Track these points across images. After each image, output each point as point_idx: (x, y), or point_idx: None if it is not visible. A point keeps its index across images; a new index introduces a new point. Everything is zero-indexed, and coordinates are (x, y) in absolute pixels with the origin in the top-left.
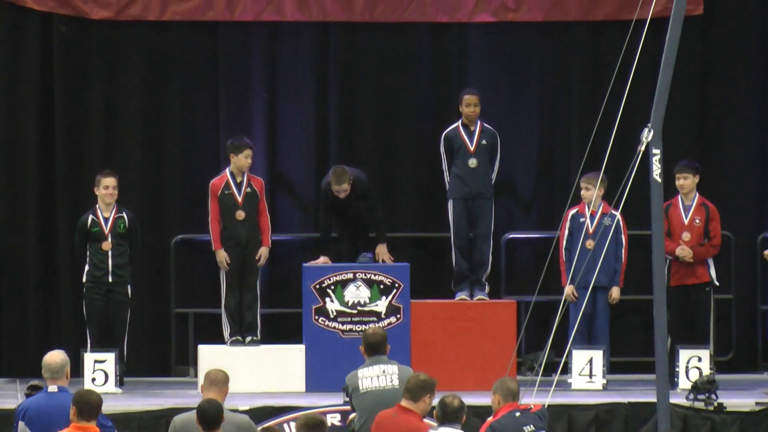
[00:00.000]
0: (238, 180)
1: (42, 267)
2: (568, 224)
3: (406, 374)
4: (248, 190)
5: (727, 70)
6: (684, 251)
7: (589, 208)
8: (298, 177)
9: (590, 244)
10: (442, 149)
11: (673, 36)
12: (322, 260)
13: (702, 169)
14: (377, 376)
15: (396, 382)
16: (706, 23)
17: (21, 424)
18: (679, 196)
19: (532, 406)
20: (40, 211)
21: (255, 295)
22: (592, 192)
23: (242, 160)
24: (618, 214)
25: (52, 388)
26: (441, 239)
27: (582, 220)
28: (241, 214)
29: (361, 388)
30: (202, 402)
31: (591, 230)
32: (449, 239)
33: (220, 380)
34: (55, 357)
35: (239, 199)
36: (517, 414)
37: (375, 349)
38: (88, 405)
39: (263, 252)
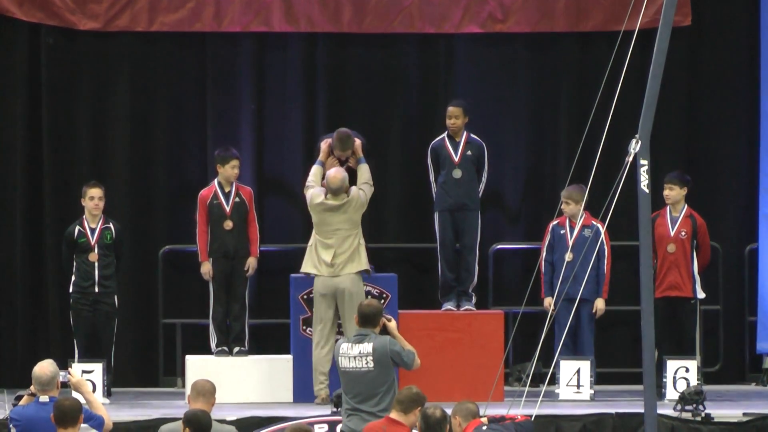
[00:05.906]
0: (227, 190)
1: (29, 278)
2: (548, 236)
3: (381, 353)
4: (237, 199)
5: (715, 81)
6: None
7: (570, 220)
8: (286, 188)
9: (569, 256)
10: (428, 161)
11: (660, 47)
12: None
13: (690, 180)
14: (354, 357)
15: (371, 365)
16: (694, 34)
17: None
18: (668, 208)
19: (519, 416)
20: (28, 223)
21: (243, 305)
22: (572, 206)
23: (229, 170)
24: (600, 225)
25: (44, 398)
26: (428, 251)
27: (562, 232)
28: (228, 224)
29: (340, 364)
30: (193, 411)
31: (571, 242)
32: (436, 251)
33: (207, 391)
34: (45, 369)
35: (227, 209)
36: (484, 428)
37: (366, 321)
38: (63, 413)
39: (251, 262)
